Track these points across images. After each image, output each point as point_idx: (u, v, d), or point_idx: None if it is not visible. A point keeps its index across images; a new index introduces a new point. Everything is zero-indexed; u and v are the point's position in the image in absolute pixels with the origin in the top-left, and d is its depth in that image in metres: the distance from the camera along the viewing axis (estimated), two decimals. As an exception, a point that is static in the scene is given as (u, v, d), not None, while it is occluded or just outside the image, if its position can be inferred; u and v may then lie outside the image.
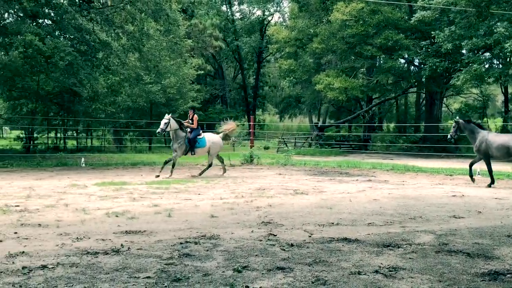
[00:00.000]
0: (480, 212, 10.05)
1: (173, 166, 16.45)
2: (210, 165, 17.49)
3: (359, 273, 5.56)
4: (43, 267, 5.61)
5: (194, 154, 16.83)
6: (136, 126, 34.11)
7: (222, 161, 17.93)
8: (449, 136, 15.67)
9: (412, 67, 38.13)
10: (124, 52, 23.98)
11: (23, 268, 5.56)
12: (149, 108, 33.40)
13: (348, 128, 48.37)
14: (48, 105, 29.06)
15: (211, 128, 50.06)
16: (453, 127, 15.52)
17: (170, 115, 16.57)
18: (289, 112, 64.60)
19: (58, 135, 31.13)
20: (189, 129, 16.56)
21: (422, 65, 33.31)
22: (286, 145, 34.08)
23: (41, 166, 19.61)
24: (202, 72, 43.51)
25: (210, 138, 17.14)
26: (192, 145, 16.44)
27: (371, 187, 14.15)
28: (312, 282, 5.19)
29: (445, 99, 48.01)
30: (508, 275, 5.60)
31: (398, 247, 6.85)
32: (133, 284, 5.05)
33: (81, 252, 6.34)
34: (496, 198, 12.11)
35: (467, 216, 9.50)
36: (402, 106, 53.20)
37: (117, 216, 8.89)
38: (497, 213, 9.92)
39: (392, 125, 52.08)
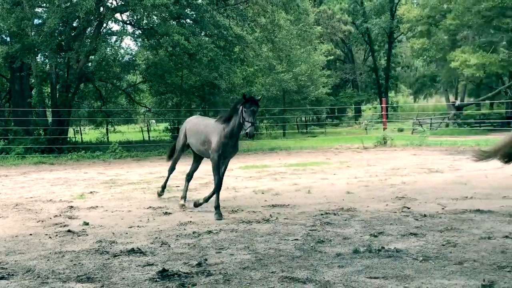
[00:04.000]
0: None
1: None
2: None
3: (489, 238, 6.00)
4: (209, 232, 6.81)
5: None
6: (270, 114, 35.71)
7: None
8: None
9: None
10: (258, 44, 25.39)
11: (193, 232, 6.79)
12: (282, 96, 34.76)
13: (490, 105, 45.79)
14: (191, 98, 31.60)
15: (342, 112, 50.49)
16: None
17: None
18: (424, 92, 62.42)
19: (201, 125, 33.59)
20: None
21: None
22: (421, 126, 33.42)
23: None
24: (332, 57, 44.02)
25: None
26: None
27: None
28: (443, 245, 5.75)
29: None
30: None
31: (532, 218, 7.07)
32: (284, 244, 6.01)
33: (237, 221, 7.49)
34: None
35: None
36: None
37: (263, 193, 10.01)
38: None
39: (539, 100, 48.23)
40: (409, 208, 8.07)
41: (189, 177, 9.44)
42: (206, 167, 15.32)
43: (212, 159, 8.05)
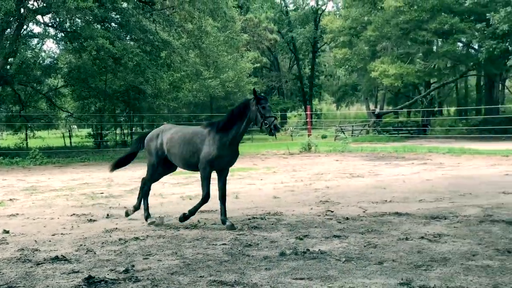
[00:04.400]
0: (531, 188, 10.47)
1: None
2: None
3: (406, 239, 6.34)
4: (136, 238, 6.73)
5: None
6: (197, 120, 35.62)
7: None
8: None
9: (470, 50, 37.58)
10: (185, 49, 25.30)
11: (120, 239, 6.68)
12: (209, 102, 34.81)
13: (407, 113, 48.11)
14: (115, 103, 30.91)
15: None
16: None
17: None
18: (346, 101, 64.71)
19: (125, 131, 33.00)
20: None
21: (479, 48, 32.87)
22: (344, 133, 34.57)
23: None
24: (258, 65, 44.61)
25: None
26: None
27: (425, 169, 14.68)
28: (364, 246, 6.02)
29: (507, 81, 46.94)
30: (545, 239, 6.21)
31: (445, 219, 7.55)
32: (212, 249, 6.06)
33: (165, 227, 7.46)
34: (550, 176, 12.40)
35: (517, 192, 9.97)
36: (463, 90, 52.26)
37: (190, 199, 9.99)
38: (548, 189, 10.30)
39: (452, 109, 51.31)
40: (332, 211, 8.36)
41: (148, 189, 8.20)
42: (132, 173, 15.15)
43: (204, 170, 7.31)
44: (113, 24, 23.70)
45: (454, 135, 31.21)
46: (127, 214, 8.10)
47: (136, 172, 15.83)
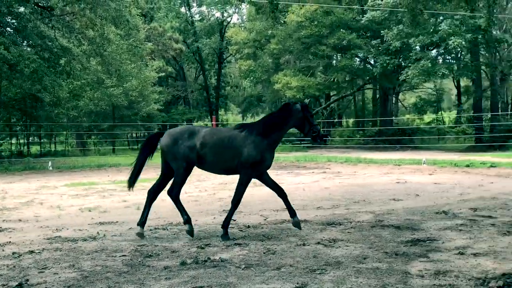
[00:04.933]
0: (418, 195, 11.30)
1: None
2: None
3: (303, 244, 6.61)
4: (31, 252, 6.45)
5: None
6: (99, 130, 34.57)
7: None
8: None
9: (367, 65, 39.73)
10: (86, 57, 24.53)
11: (13, 253, 6.38)
12: (112, 111, 33.91)
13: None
14: (10, 111, 29.25)
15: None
16: None
17: None
18: (251, 111, 65.73)
19: (21, 141, 31.29)
20: None
21: (375, 63, 34.87)
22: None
23: (9, 171, 20.09)
24: (164, 74, 44.11)
25: None
26: None
27: (324, 177, 15.32)
28: (264, 253, 6.21)
29: (400, 94, 50.01)
30: (428, 241, 6.74)
31: (340, 225, 7.96)
32: (112, 261, 5.96)
33: (62, 239, 7.20)
34: (435, 183, 13.42)
35: (405, 199, 10.72)
36: (360, 102, 54.97)
37: (90, 211, 9.72)
38: (433, 195, 11.17)
39: (351, 120, 53.78)
40: (235, 220, 8.50)
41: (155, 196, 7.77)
42: (28, 185, 14.45)
43: (246, 174, 7.21)
44: (8, 29, 22.46)
45: (352, 145, 32.79)
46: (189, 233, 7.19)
47: (32, 184, 15.13)
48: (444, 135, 37.26)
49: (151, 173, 17.97)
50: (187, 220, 7.20)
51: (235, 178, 7.55)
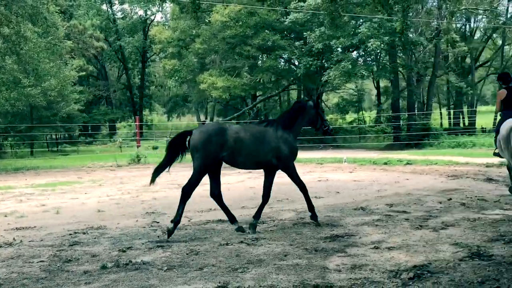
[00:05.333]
0: (338, 192, 11.69)
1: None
2: None
3: (227, 244, 6.68)
4: None
5: None
6: (16, 131, 32.97)
7: None
8: None
9: (291, 65, 40.47)
10: (1, 55, 23.33)
11: None
12: (29, 112, 32.47)
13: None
14: None
15: (96, 129, 49.39)
16: None
17: None
18: (177, 111, 65.14)
19: None
20: None
21: (298, 64, 35.58)
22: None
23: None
24: (84, 73, 42.72)
25: None
26: None
27: (250, 177, 15.45)
28: (187, 254, 6.21)
29: (324, 94, 51.34)
30: (346, 237, 7.01)
31: (263, 223, 8.10)
32: (29, 267, 5.75)
33: (-26, 248, 6.84)
34: (355, 181, 13.92)
35: (326, 196, 11.05)
36: (286, 103, 55.91)
37: (5, 216, 9.29)
38: (353, 193, 11.59)
39: (276, 120, 54.45)
40: (158, 222, 8.44)
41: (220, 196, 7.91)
42: None
43: (290, 167, 8.04)
44: None
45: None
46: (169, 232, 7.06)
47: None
48: (365, 134, 38.65)
49: (71, 176, 17.45)
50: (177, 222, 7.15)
51: (161, 179, 7.51)
